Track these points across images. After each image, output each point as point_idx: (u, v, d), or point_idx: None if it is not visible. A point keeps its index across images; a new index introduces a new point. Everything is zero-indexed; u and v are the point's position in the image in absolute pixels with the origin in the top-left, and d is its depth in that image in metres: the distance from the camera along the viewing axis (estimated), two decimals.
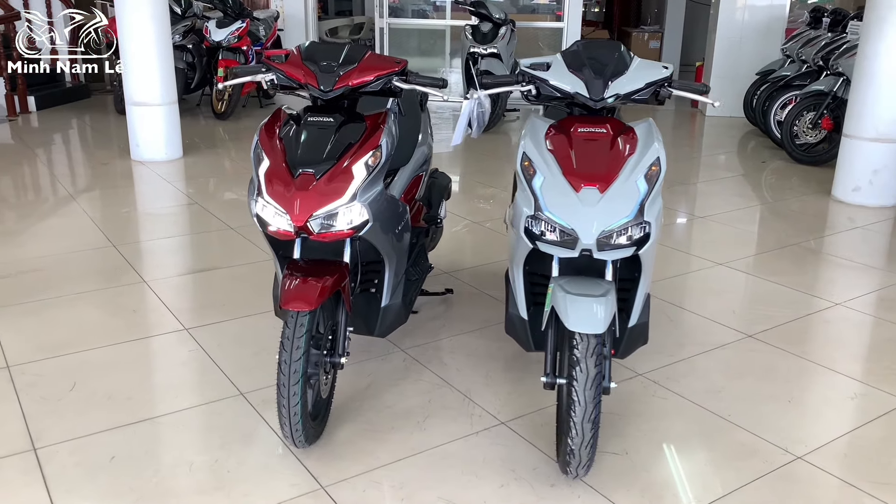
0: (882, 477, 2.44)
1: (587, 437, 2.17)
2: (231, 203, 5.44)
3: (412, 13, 10.26)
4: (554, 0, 10.22)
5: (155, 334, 3.33)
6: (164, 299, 3.68)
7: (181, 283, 3.90)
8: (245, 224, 4.85)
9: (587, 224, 2.23)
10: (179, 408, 2.77)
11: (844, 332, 3.51)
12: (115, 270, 4.05)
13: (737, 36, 8.76)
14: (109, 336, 3.30)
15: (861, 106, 5.32)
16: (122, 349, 3.20)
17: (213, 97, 8.30)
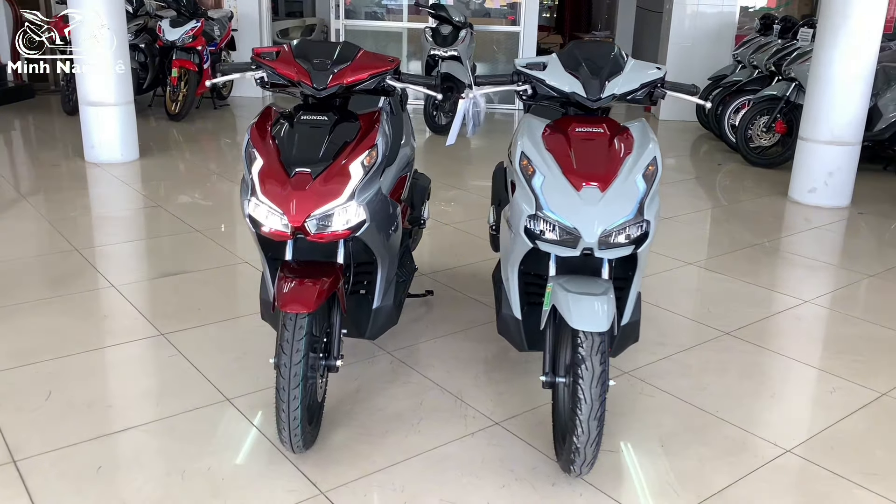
0: (869, 468, 2.51)
1: (593, 434, 2.18)
2: (194, 206, 5.31)
3: (365, 15, 10.22)
4: (505, 5, 10.31)
5: (130, 340, 3.22)
6: (135, 304, 3.57)
7: (152, 288, 3.79)
8: (211, 227, 4.75)
9: (589, 223, 2.24)
10: (164, 415, 2.68)
11: (816, 328, 3.61)
12: (80, 275, 3.91)
13: (689, 42, 8.96)
14: (82, 343, 3.18)
15: (816, 110, 5.49)
16: (97, 356, 3.09)
17: (167, 98, 8.10)
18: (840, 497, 2.37)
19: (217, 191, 5.78)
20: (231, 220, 4.92)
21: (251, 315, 3.45)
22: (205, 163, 6.70)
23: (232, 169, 6.48)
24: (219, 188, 5.84)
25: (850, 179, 5.57)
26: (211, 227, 4.75)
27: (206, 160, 6.82)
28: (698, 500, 2.32)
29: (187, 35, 7.89)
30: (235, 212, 5.17)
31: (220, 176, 6.18)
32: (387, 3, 10.33)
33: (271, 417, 2.63)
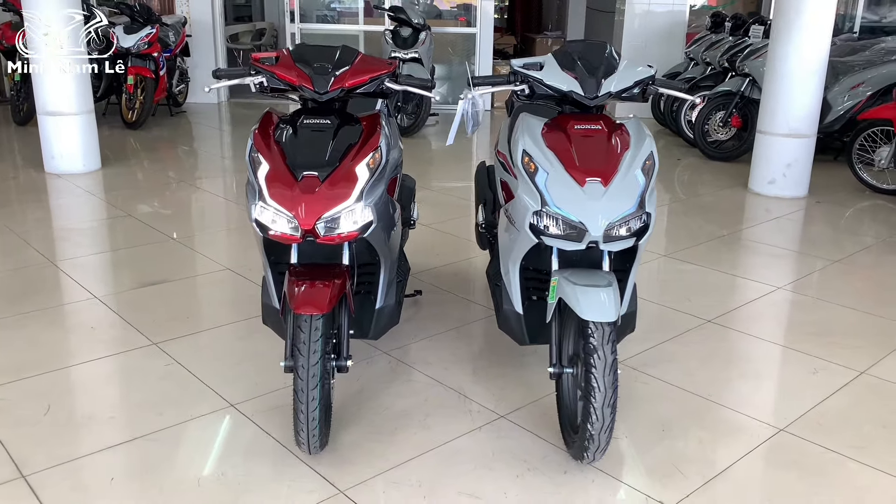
0: (858, 441, 2.64)
1: (607, 421, 2.25)
2: (164, 214, 5.24)
3: (317, 18, 10.18)
4: (456, 6, 10.40)
5: (122, 350, 3.19)
6: (122, 315, 3.52)
7: (136, 298, 3.74)
8: (186, 235, 4.70)
9: (594, 217, 2.32)
10: (169, 424, 2.67)
11: (791, 312, 3.76)
12: (59, 287, 3.84)
13: (641, 41, 9.16)
14: (73, 355, 3.14)
15: (774, 104, 5.69)
16: (91, 368, 3.05)
17: (123, 106, 7.95)
18: (835, 470, 2.49)
19: (186, 199, 5.71)
20: (204, 228, 4.88)
21: (242, 322, 3.46)
22: (168, 171, 6.61)
23: (196, 176, 6.41)
24: (187, 196, 5.77)
25: (807, 170, 5.79)
26: (186, 235, 4.70)
27: (170, 168, 6.73)
28: (704, 481, 2.42)
29: (142, 41, 7.76)
30: (208, 219, 5.14)
31: (187, 183, 6.11)
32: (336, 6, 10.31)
33: (278, 420, 2.67)
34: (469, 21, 9.93)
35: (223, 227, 4.98)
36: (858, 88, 6.65)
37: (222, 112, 9.61)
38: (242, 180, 6.15)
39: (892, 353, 3.30)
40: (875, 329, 3.59)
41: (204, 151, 7.51)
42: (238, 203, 5.46)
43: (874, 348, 3.35)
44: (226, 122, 9.09)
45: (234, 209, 5.35)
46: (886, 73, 6.63)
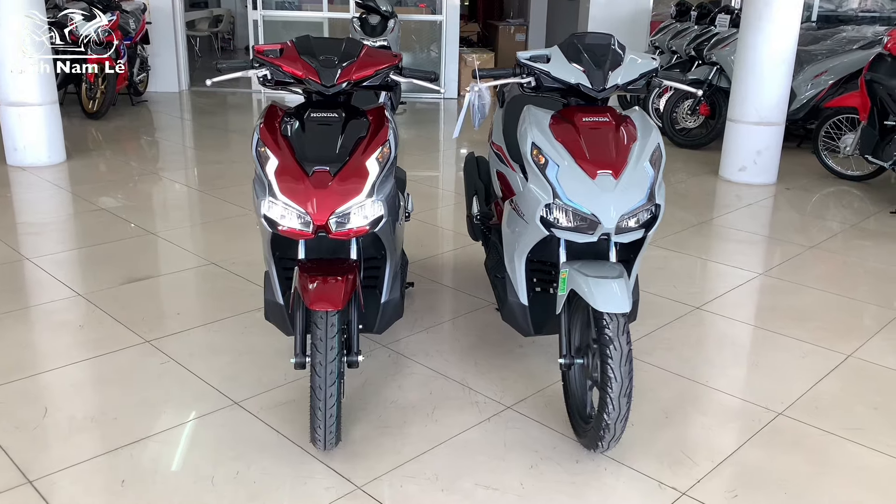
0: (853, 423, 2.73)
1: (623, 410, 2.29)
2: (139, 207, 5.13)
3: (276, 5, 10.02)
4: None
5: (115, 349, 3.12)
6: (109, 312, 3.44)
7: (121, 294, 3.66)
8: (165, 228, 4.61)
9: (607, 209, 2.34)
10: (174, 423, 2.63)
11: (774, 298, 3.86)
12: (40, 285, 3.74)
13: (606, 29, 9.21)
14: (63, 355, 3.06)
15: (744, 93, 5.80)
16: (84, 368, 2.98)
17: (83, 96, 7.74)
18: (836, 452, 2.57)
19: (157, 191, 5.60)
20: (181, 221, 4.79)
21: (234, 317, 3.42)
22: (136, 162, 6.46)
23: (164, 167, 6.28)
24: (158, 188, 5.65)
25: (776, 157, 5.93)
26: (165, 228, 4.61)
27: (136, 159, 6.57)
28: (713, 466, 2.47)
29: (103, 29, 7.54)
30: (183, 212, 5.04)
31: (156, 175, 5.98)
32: None
33: (285, 416, 2.65)
34: (433, 9, 9.89)
35: (200, 219, 4.89)
36: (821, 77, 6.82)
37: (184, 101, 9.42)
38: (211, 171, 6.08)
39: (875, 336, 3.41)
40: (855, 313, 3.70)
41: (169, 142, 7.35)
42: (211, 195, 5.37)
43: (856, 331, 3.46)
44: (187, 112, 8.91)
45: (208, 201, 5.26)
46: (848, 61, 6.81)
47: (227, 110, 9.08)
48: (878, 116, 5.52)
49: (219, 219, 4.89)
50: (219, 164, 6.34)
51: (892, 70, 5.48)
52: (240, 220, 4.86)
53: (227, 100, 9.66)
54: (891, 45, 5.48)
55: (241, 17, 14.88)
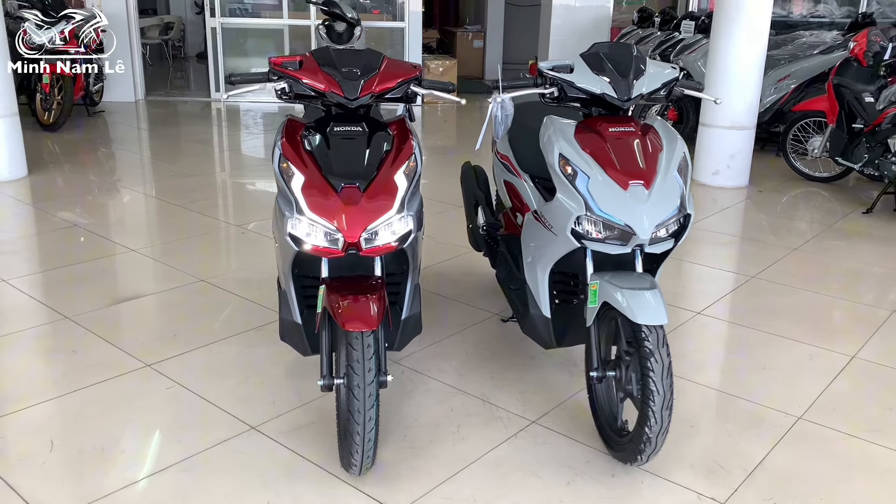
0: (872, 425, 2.77)
1: (665, 423, 2.27)
2: (113, 222, 4.95)
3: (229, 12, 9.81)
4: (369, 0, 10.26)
5: (115, 375, 2.97)
6: (102, 335, 3.29)
7: (111, 316, 3.50)
8: (145, 245, 4.44)
9: (641, 220, 2.32)
10: (192, 452, 2.51)
11: (771, 301, 3.90)
12: (23, 309, 3.55)
13: (568, 35, 9.31)
14: (61, 383, 2.90)
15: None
16: (85, 396, 2.83)
17: (38, 107, 7.44)
18: (860, 455, 2.60)
19: (131, 205, 5.41)
20: (161, 236, 4.62)
21: (234, 336, 3.31)
22: (102, 175, 6.24)
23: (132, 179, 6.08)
24: (129, 202, 5.46)
25: (748, 160, 6.04)
26: (144, 245, 4.44)
27: (102, 172, 6.35)
28: (746, 474, 2.47)
29: (58, 37, 7.28)
30: (161, 227, 4.87)
31: (126, 189, 5.78)
32: None
33: (306, 440, 2.59)
34: (393, 15, 9.84)
35: (180, 234, 4.73)
36: (784, 81, 6.99)
37: (140, 111, 9.15)
38: (183, 183, 5.90)
39: (873, 337, 3.48)
40: (849, 313, 3.78)
41: (133, 154, 7.12)
42: (187, 208, 5.20)
43: (855, 332, 3.52)
44: (145, 122, 8.65)
45: (184, 215, 5.09)
46: (809, 66, 6.99)
47: (187, 120, 8.86)
48: (845, 119, 5.67)
49: (199, 233, 4.74)
50: (190, 176, 6.16)
51: (858, 74, 5.64)
52: (222, 235, 4.72)
53: (185, 109, 9.43)
54: (857, 51, 5.63)
55: (192, 25, 14.61)
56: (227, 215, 5.10)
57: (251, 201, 5.80)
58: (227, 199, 5.76)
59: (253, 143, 7.76)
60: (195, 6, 14.41)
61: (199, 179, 6.16)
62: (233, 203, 5.69)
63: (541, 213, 2.64)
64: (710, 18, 7.29)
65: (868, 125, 5.44)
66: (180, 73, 13.10)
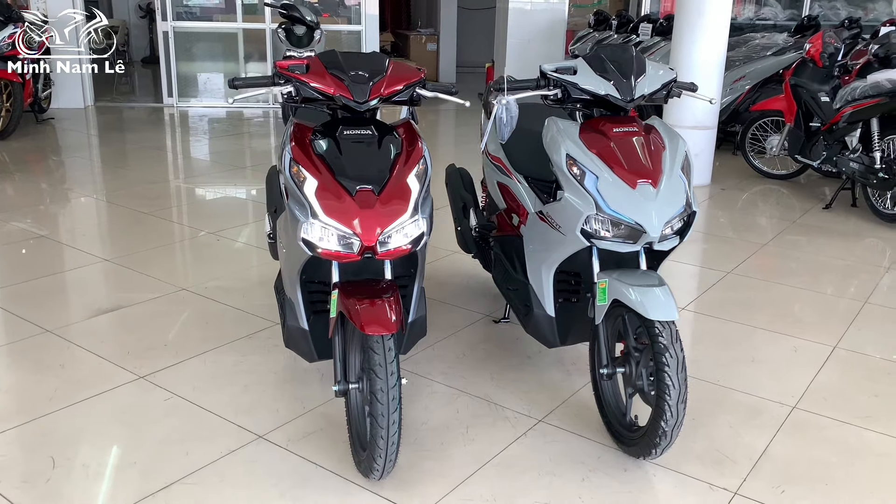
0: (862, 412, 2.88)
1: (680, 417, 2.31)
2: (85, 232, 4.80)
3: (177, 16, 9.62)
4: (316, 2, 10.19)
5: (109, 388, 2.89)
6: (88, 348, 3.19)
7: (95, 328, 3.40)
8: (122, 254, 4.33)
9: (651, 218, 2.37)
10: (202, 463, 2.46)
11: (750, 295, 4.02)
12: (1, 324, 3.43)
13: (525, 38, 9.40)
14: (54, 398, 2.81)
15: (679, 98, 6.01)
16: (81, 410, 2.75)
17: None
18: (856, 441, 2.70)
19: (99, 214, 5.26)
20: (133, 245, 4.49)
21: (226, 345, 3.26)
22: (61, 184, 6.05)
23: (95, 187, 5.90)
24: (99, 211, 5.31)
25: (710, 159, 6.21)
26: (118, 254, 4.32)
27: (61, 181, 6.17)
28: (752, 464, 2.54)
29: (5, 42, 7.03)
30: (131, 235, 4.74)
31: (92, 197, 5.62)
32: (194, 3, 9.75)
33: (318, 447, 2.56)
34: (349, 18, 9.79)
35: (152, 243, 4.61)
36: (739, 82, 7.19)
37: (90, 117, 8.89)
38: (147, 190, 5.75)
39: (850, 327, 3.61)
40: (824, 305, 3.92)
41: (88, 161, 6.92)
42: (156, 216, 5.09)
43: (833, 324, 3.65)
44: (97, 128, 8.41)
45: (154, 222, 4.97)
46: (762, 67, 7.21)
47: (140, 126, 8.64)
48: (803, 118, 5.87)
49: (171, 241, 4.64)
50: (153, 183, 6.02)
51: (814, 75, 5.86)
52: (195, 242, 4.63)
53: (136, 115, 9.20)
54: (813, 52, 5.84)
55: (137, 28, 14.27)
56: (197, 222, 5.00)
57: (218, 208, 5.70)
58: (193, 206, 5.65)
59: (211, 148, 7.63)
60: (139, 10, 14.09)
61: (163, 186, 6.03)
62: (200, 210, 5.58)
63: (547, 214, 2.66)
64: (669, 21, 7.49)
65: (825, 124, 5.64)
66: (125, 78, 12.77)
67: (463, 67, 12.67)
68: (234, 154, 7.31)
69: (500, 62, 9.63)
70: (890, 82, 5.05)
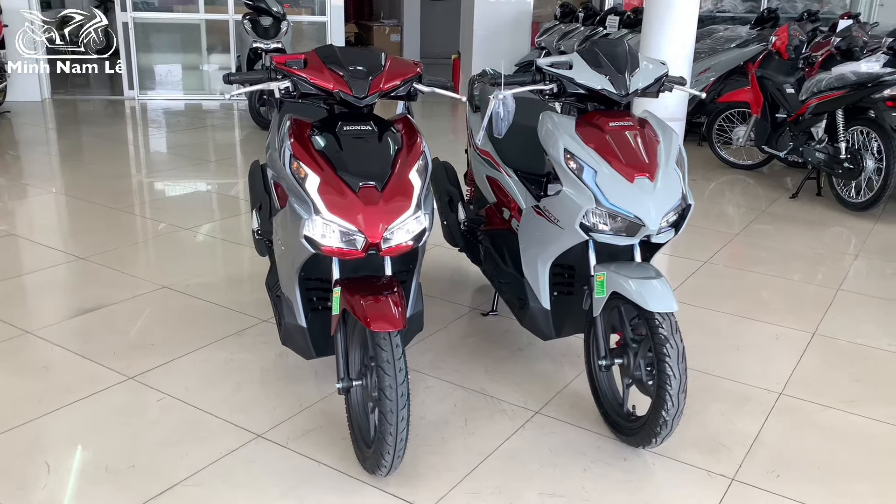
0: (845, 396, 2.97)
1: (681, 406, 2.36)
2: (55, 230, 4.68)
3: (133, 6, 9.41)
4: None
5: (98, 390, 2.83)
6: (72, 349, 3.12)
7: (77, 328, 3.32)
8: (97, 252, 4.23)
9: (650, 211, 2.40)
10: (201, 465, 2.43)
11: (728, 284, 4.10)
12: None
13: (491, 30, 9.42)
14: (42, 402, 2.74)
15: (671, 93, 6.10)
16: (70, 414, 2.69)
17: None
18: (842, 424, 2.78)
19: (68, 210, 5.13)
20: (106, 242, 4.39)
21: (215, 343, 3.23)
22: (25, 180, 5.88)
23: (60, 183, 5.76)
24: (67, 207, 5.18)
25: None
26: (93, 252, 4.22)
27: (25, 177, 5.99)
28: (746, 450, 2.60)
29: None
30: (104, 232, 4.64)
31: (59, 194, 5.48)
32: None
33: (317, 444, 2.56)
34: (314, 10, 9.70)
35: (127, 240, 4.52)
36: (704, 74, 7.31)
37: (47, 110, 8.67)
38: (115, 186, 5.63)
39: (826, 314, 3.71)
40: (798, 292, 4.02)
41: (50, 156, 6.74)
42: (128, 212, 4.99)
43: (809, 310, 3.75)
44: (54, 122, 8.21)
45: (126, 218, 4.88)
46: (726, 59, 7.34)
47: (101, 120, 8.45)
48: (769, 110, 5.99)
49: (147, 237, 4.56)
50: (120, 178, 5.89)
51: (780, 67, 5.97)
52: (171, 238, 4.55)
53: (95, 108, 8.99)
54: (778, 45, 5.96)
55: None
56: (170, 217, 4.91)
57: (189, 203, 5.60)
58: (163, 202, 5.54)
59: (175, 141, 7.48)
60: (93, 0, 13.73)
61: (130, 181, 5.92)
62: (171, 205, 5.47)
63: (545, 208, 2.68)
64: (636, 14, 7.57)
65: (791, 115, 5.77)
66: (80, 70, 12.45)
67: (427, 59, 12.62)
68: (198, 147, 7.18)
69: (467, 54, 9.63)
70: (855, 74, 5.18)
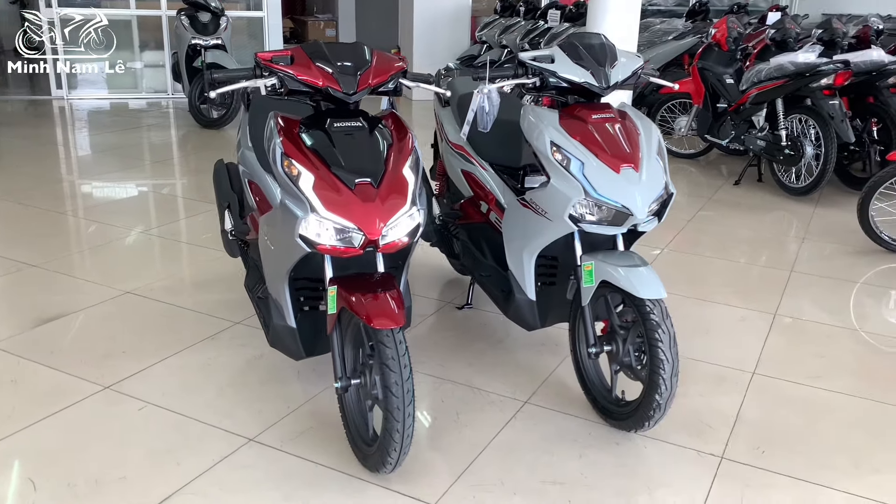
0: (811, 372, 3.10)
1: (674, 389, 2.42)
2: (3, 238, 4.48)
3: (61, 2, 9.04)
4: None
5: (73, 402, 2.72)
6: (38, 360, 3.00)
7: (42, 338, 3.18)
8: (51, 259, 4.06)
9: (637, 201, 2.46)
10: (196, 472, 2.37)
11: (689, 269, 4.22)
12: None
13: (431, 24, 9.41)
14: (15, 418, 2.62)
15: None
16: (49, 428, 2.58)
17: None
18: (814, 399, 2.91)
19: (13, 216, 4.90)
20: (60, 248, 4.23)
21: (189, 347, 3.16)
22: None
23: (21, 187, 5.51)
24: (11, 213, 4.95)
25: None
26: (45, 259, 4.05)
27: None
28: (729, 429, 2.70)
29: None
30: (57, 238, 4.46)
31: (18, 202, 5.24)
32: None
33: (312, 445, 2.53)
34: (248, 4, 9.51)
35: (80, 245, 4.36)
36: None
37: None
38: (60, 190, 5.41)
39: (784, 295, 3.87)
40: (756, 275, 4.18)
41: None
42: (79, 217, 4.81)
43: (768, 292, 3.90)
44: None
45: (74, 223, 4.70)
46: (664, 52, 7.53)
47: (31, 121, 8.08)
48: (710, 100, 6.18)
49: (102, 242, 4.40)
50: (60, 181, 5.67)
51: (720, 58, 6.17)
52: (126, 242, 4.41)
53: (22, 109, 8.60)
54: (718, 36, 6.15)
55: (6, 15, 13.28)
56: (122, 221, 4.74)
57: (137, 205, 5.41)
58: (111, 204, 5.35)
59: (112, 142, 7.21)
60: None
61: (71, 184, 5.70)
62: (119, 208, 5.29)
63: (531, 200, 2.70)
64: (578, 7, 7.69)
65: (732, 105, 5.97)
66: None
67: None
68: (136, 148, 6.96)
69: (407, 48, 9.60)
70: (793, 65, 5.39)
